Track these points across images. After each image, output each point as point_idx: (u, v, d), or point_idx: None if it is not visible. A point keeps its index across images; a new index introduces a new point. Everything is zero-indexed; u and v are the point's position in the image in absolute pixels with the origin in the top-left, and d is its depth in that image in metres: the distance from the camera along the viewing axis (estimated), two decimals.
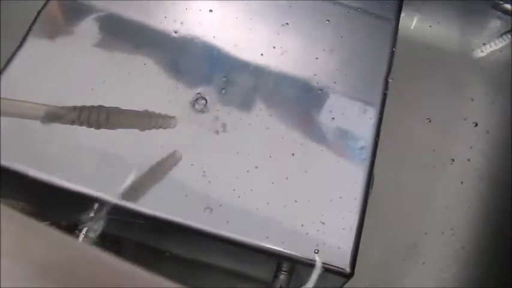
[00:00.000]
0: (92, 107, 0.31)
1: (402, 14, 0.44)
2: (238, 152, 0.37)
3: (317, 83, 0.40)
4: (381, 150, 0.38)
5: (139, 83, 0.39)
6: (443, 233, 0.50)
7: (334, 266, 0.34)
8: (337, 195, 0.36)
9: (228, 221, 0.34)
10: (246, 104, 0.39)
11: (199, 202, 0.35)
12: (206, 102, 0.39)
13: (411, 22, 0.58)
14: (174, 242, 0.39)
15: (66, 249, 0.16)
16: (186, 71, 0.40)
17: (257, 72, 0.40)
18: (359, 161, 0.37)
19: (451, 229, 0.50)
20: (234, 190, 0.36)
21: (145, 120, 0.35)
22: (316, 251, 0.34)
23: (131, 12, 0.42)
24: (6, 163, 0.34)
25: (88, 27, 0.41)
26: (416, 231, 0.50)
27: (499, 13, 0.55)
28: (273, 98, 0.39)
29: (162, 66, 0.40)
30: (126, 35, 0.41)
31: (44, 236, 0.16)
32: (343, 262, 0.34)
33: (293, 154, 0.37)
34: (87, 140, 0.36)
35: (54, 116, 0.29)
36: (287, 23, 0.43)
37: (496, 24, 0.56)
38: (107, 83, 0.39)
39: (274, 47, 0.42)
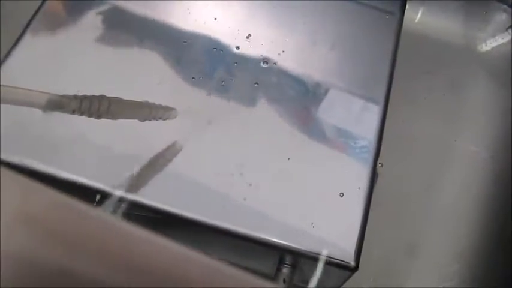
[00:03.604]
0: (93, 96, 0.31)
1: (406, 8, 0.44)
2: (239, 147, 0.37)
3: (320, 78, 0.40)
4: (385, 145, 0.38)
5: (140, 75, 0.39)
6: (446, 231, 0.49)
7: (339, 260, 0.33)
8: (342, 189, 0.36)
9: (229, 214, 0.34)
10: (247, 100, 0.39)
11: (200, 194, 0.35)
12: (207, 95, 0.38)
13: (416, 15, 0.57)
14: (174, 234, 0.38)
15: (70, 210, 0.16)
16: (187, 64, 0.40)
17: (259, 67, 0.40)
18: (363, 157, 0.37)
19: (455, 226, 0.49)
20: (235, 183, 0.35)
21: (145, 110, 0.34)
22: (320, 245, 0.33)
23: (133, 4, 0.41)
24: (5, 155, 0.34)
25: (90, 19, 0.40)
26: (420, 228, 0.49)
27: (504, 6, 0.55)
28: (276, 94, 0.39)
29: (163, 59, 0.39)
30: (128, 26, 0.41)
31: (48, 197, 0.16)
32: (347, 256, 0.33)
33: (297, 150, 0.37)
34: (86, 131, 0.36)
35: (56, 104, 0.29)
36: (289, 18, 0.42)
37: (501, 17, 0.56)
38: (107, 74, 0.38)
39: (276, 43, 0.41)
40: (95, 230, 0.16)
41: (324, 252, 0.33)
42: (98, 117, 0.31)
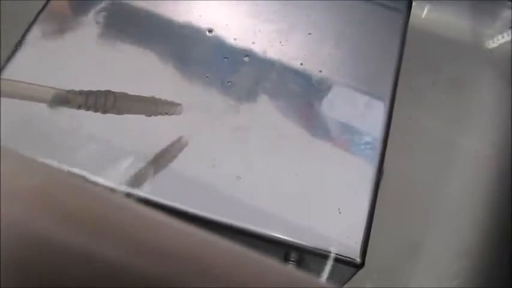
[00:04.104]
0: (99, 91, 0.31)
1: (413, 4, 0.44)
2: (245, 143, 0.37)
3: (326, 75, 0.40)
4: (391, 142, 0.38)
5: (145, 72, 0.39)
6: (451, 229, 0.49)
7: (345, 257, 0.33)
8: (347, 186, 0.36)
9: (235, 210, 0.34)
10: (253, 96, 0.39)
11: (206, 190, 0.35)
12: (213, 91, 0.38)
13: (422, 11, 0.57)
14: None
15: (69, 184, 0.16)
16: (192, 60, 0.40)
17: (265, 64, 0.40)
18: (369, 154, 0.37)
19: (459, 224, 0.49)
20: (241, 179, 0.35)
21: (151, 106, 0.34)
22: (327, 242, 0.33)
23: (138, 1, 0.41)
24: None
25: (95, 17, 0.40)
26: (424, 226, 0.49)
27: (510, 3, 0.55)
28: (281, 91, 0.39)
29: (168, 55, 0.39)
30: (133, 23, 0.41)
31: (46, 171, 0.16)
32: (353, 252, 0.33)
33: (304, 146, 0.37)
34: (92, 126, 0.36)
35: (62, 99, 0.29)
36: (294, 15, 0.42)
37: (508, 14, 0.56)
38: (114, 70, 0.38)
39: (282, 40, 0.41)
40: (111, 210, 0.16)
41: (330, 249, 0.33)
42: (104, 112, 0.31)
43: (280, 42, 0.41)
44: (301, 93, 0.39)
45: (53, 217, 0.15)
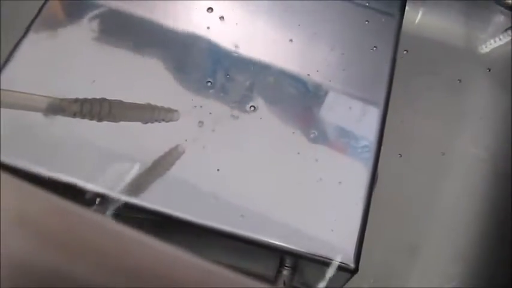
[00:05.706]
0: (94, 99, 0.31)
1: (406, 9, 0.44)
2: (241, 149, 0.37)
3: (321, 80, 0.40)
4: (384, 146, 0.38)
5: (141, 77, 0.39)
6: (447, 232, 0.49)
7: (339, 262, 0.33)
8: (342, 190, 0.36)
9: (231, 216, 0.34)
10: (248, 101, 0.39)
11: (202, 197, 0.35)
12: (210, 97, 0.38)
13: (415, 17, 0.57)
14: (177, 237, 0.38)
15: (66, 213, 0.16)
16: (188, 65, 0.40)
17: (260, 69, 0.40)
18: (363, 158, 0.37)
19: (455, 227, 0.49)
20: (237, 186, 0.35)
21: (147, 113, 0.34)
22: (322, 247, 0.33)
23: (133, 8, 0.41)
24: (7, 159, 0.34)
25: (90, 22, 0.40)
26: (420, 230, 0.49)
27: (502, 8, 0.55)
28: (277, 95, 0.39)
29: (164, 61, 0.40)
30: (127, 29, 0.41)
31: (43, 200, 0.16)
32: (347, 257, 0.33)
33: (298, 151, 0.37)
34: (88, 134, 0.36)
35: (57, 108, 0.29)
36: (289, 20, 0.43)
37: (500, 19, 0.56)
38: (108, 77, 0.38)
39: (276, 44, 0.41)
40: (90, 232, 0.16)
41: (324, 254, 0.33)
42: (100, 120, 0.31)
43: (274, 46, 0.41)
44: (296, 98, 0.39)
45: (30, 238, 0.15)
